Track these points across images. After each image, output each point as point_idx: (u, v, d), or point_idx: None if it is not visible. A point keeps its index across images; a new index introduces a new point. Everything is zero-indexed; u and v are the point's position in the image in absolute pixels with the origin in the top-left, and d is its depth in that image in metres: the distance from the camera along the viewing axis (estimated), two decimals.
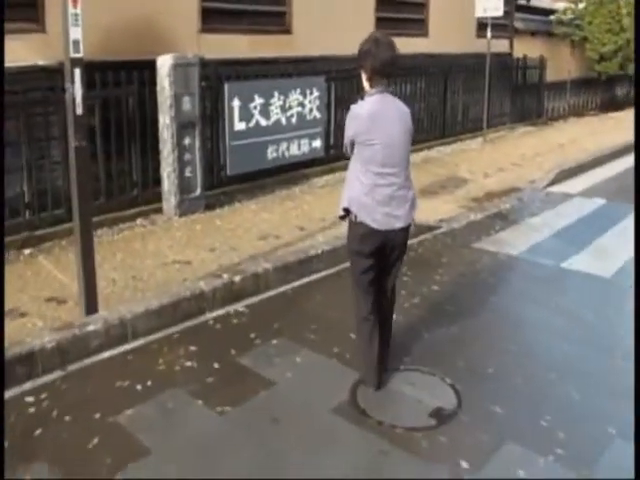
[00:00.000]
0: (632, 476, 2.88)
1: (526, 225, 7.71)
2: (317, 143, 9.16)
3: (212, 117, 7.77)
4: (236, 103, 7.86)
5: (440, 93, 12.03)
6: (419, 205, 4.00)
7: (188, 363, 4.30)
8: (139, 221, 6.98)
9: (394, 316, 4.21)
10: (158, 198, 7.18)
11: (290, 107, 8.62)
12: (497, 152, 11.73)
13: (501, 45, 13.27)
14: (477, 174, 9.97)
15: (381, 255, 3.79)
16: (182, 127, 6.94)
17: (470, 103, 12.89)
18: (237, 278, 5.18)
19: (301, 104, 8.77)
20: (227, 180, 8.11)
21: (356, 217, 3.67)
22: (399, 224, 3.68)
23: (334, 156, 9.56)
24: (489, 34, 12.11)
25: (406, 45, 11.42)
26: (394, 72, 3.64)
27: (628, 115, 17.64)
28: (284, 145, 8.63)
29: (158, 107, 6.87)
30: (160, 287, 5.19)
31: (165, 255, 5.98)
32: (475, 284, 5.83)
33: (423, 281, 5.74)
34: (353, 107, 3.67)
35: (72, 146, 4.31)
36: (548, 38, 16.77)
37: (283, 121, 8.56)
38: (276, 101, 8.39)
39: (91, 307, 4.52)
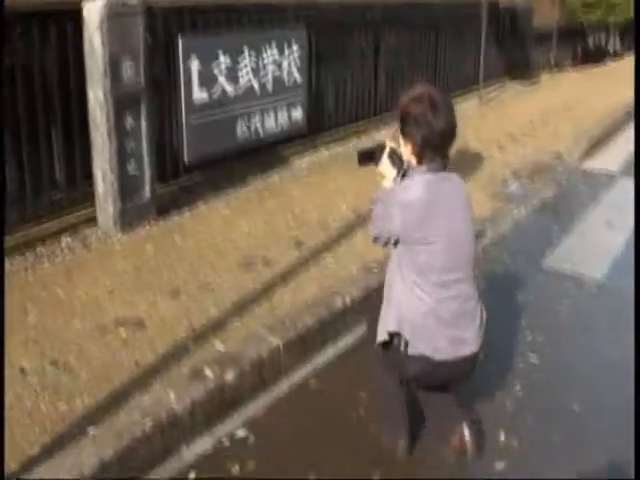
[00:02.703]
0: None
1: (586, 225, 5.90)
2: (298, 114, 7.04)
3: (161, 85, 5.56)
4: (194, 65, 5.68)
5: (431, 48, 10.04)
6: None
7: None
8: (64, 241, 4.81)
9: None
10: (90, 200, 5.00)
11: (264, 68, 6.46)
12: (500, 117, 10.14)
13: None
14: (490, 146, 8.26)
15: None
16: (122, 104, 4.73)
17: (462, 59, 11.01)
18: (230, 376, 3.08)
19: (278, 63, 6.61)
20: (185, 169, 5.95)
21: (407, 346, 2.63)
22: (468, 350, 2.67)
23: (317, 128, 7.51)
24: None
25: None
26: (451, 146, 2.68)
27: (615, 69, 16.32)
28: (257, 118, 6.51)
29: (87, 76, 4.63)
30: (98, 389, 3.11)
31: (102, 309, 3.88)
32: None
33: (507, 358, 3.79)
34: (396, 190, 2.69)
35: None
36: None
37: (256, 87, 6.42)
38: (246, 60, 6.23)
39: None
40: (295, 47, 6.77)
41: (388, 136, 2.91)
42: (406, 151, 2.70)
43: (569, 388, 3.50)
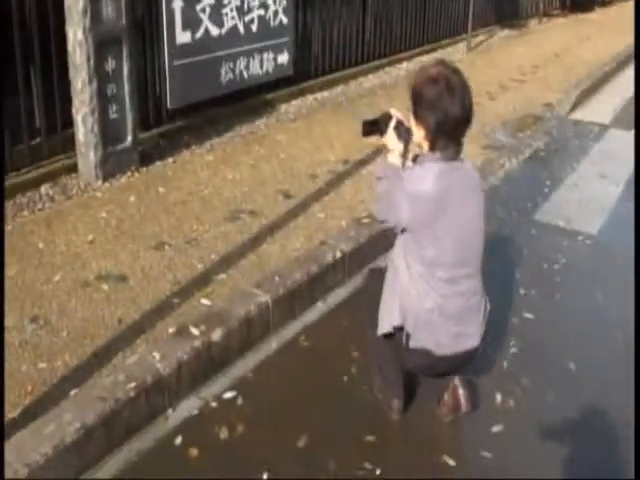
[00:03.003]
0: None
1: (578, 177, 5.77)
2: (284, 58, 6.80)
3: (143, 26, 5.30)
4: (177, 4, 5.42)
5: None
6: None
7: None
8: (44, 189, 4.63)
9: None
10: (71, 147, 4.79)
11: (250, 8, 6.20)
12: (489, 64, 9.84)
13: None
14: (479, 95, 7.97)
15: None
16: (102, 45, 4.50)
17: (451, 4, 10.69)
18: (217, 334, 2.96)
19: (263, 4, 6.35)
20: (168, 115, 5.73)
21: (408, 339, 2.55)
22: (470, 344, 2.60)
23: (304, 73, 7.29)
24: None
25: None
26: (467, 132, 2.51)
27: (604, 17, 16.04)
28: (242, 62, 6.27)
29: (65, 13, 4.37)
30: (80, 348, 2.99)
31: (84, 262, 3.73)
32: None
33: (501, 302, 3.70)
34: (405, 178, 2.49)
35: None
36: None
37: (241, 28, 6.17)
38: (231, 0, 5.94)
39: None
40: None
41: (392, 108, 2.73)
42: (418, 134, 2.52)
43: (565, 345, 3.43)
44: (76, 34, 4.38)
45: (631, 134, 7.03)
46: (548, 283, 4.00)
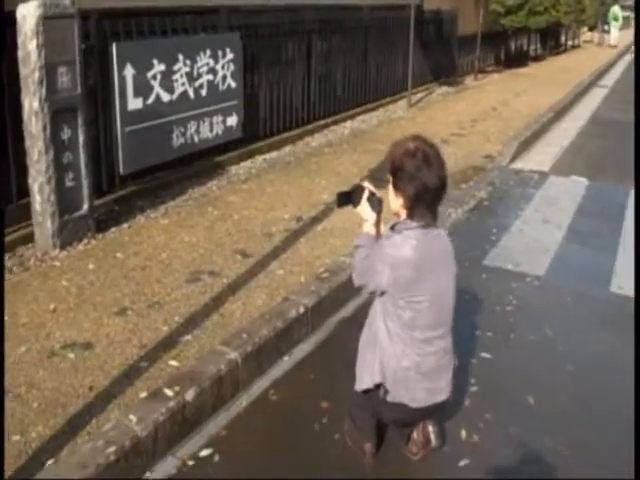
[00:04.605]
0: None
1: (523, 223, 6.02)
2: (233, 120, 6.98)
3: (95, 93, 5.40)
4: (129, 71, 5.57)
5: (361, 52, 10.10)
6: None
7: None
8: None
9: None
10: (26, 216, 4.80)
11: (199, 75, 6.39)
12: (429, 120, 10.20)
13: None
14: None
15: None
16: (59, 113, 4.56)
17: (390, 62, 11.12)
18: (190, 394, 2.99)
19: (212, 70, 6.53)
20: (121, 181, 5.80)
21: (386, 394, 2.72)
22: (440, 398, 2.77)
23: (252, 135, 7.48)
24: None
25: None
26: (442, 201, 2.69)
27: (537, 71, 16.87)
28: (192, 126, 6.41)
29: (21, 84, 4.44)
30: (51, 414, 2.97)
31: (48, 331, 3.71)
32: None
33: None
34: (385, 246, 2.66)
35: None
36: None
37: (191, 94, 6.33)
38: (181, 67, 6.14)
39: None
40: (229, 52, 6.70)
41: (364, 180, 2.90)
42: (396, 203, 2.67)
43: (522, 380, 3.57)
44: (32, 104, 4.44)
45: (569, 180, 7.39)
46: (502, 324, 4.16)
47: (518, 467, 2.95)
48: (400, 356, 2.68)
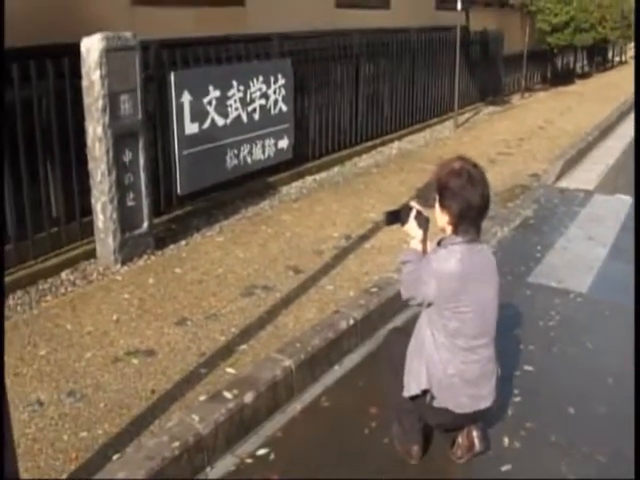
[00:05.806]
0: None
1: (567, 240, 6.10)
2: (284, 143, 7.23)
3: (154, 119, 5.71)
4: (186, 98, 5.86)
5: (407, 74, 10.27)
6: None
7: None
8: (65, 275, 4.91)
9: None
10: (89, 234, 5.11)
11: (252, 100, 6.66)
12: (475, 139, 10.30)
13: (457, 17, 11.53)
14: None
15: None
16: (120, 138, 4.88)
17: (436, 83, 11.27)
18: (248, 397, 3.21)
19: (264, 95, 6.81)
20: (178, 201, 6.08)
21: (432, 399, 2.90)
22: (484, 405, 2.94)
23: (302, 157, 7.73)
24: (459, 5, 10.52)
25: (364, 18, 9.85)
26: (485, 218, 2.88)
27: (583, 88, 16.80)
28: (246, 149, 6.69)
29: (85, 111, 4.76)
30: (116, 413, 3.21)
31: (112, 339, 3.98)
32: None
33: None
34: (432, 259, 2.85)
35: None
36: (499, 9, 15.31)
37: (244, 118, 6.61)
38: (235, 93, 6.43)
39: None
40: (280, 78, 6.97)
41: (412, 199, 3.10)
42: (442, 219, 2.86)
43: (563, 392, 3.69)
44: (96, 130, 4.76)
45: (614, 198, 7.44)
46: (544, 338, 4.28)
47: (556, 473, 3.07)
48: (445, 364, 2.86)
